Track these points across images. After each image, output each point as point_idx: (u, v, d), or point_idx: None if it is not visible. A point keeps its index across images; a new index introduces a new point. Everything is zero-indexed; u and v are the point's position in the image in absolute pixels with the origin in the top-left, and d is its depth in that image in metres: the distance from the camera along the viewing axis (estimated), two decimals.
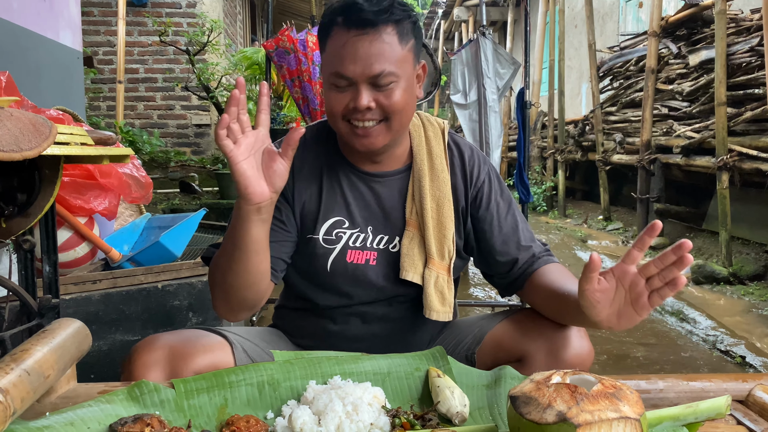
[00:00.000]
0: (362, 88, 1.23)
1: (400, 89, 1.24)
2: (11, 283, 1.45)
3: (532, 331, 1.27)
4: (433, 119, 1.47)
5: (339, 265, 1.36)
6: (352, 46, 1.21)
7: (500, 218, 1.40)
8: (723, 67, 4.49)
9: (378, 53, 1.21)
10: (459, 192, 1.41)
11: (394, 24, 1.23)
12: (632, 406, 0.87)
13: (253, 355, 1.36)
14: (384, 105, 1.24)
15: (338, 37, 1.23)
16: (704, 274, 4.34)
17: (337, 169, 1.39)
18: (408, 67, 1.27)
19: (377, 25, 1.21)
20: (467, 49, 2.94)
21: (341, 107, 1.25)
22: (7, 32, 2.80)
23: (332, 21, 1.24)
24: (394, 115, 1.26)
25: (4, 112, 1.02)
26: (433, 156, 1.40)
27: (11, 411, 0.91)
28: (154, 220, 2.51)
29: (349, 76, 1.22)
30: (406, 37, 1.25)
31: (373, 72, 1.21)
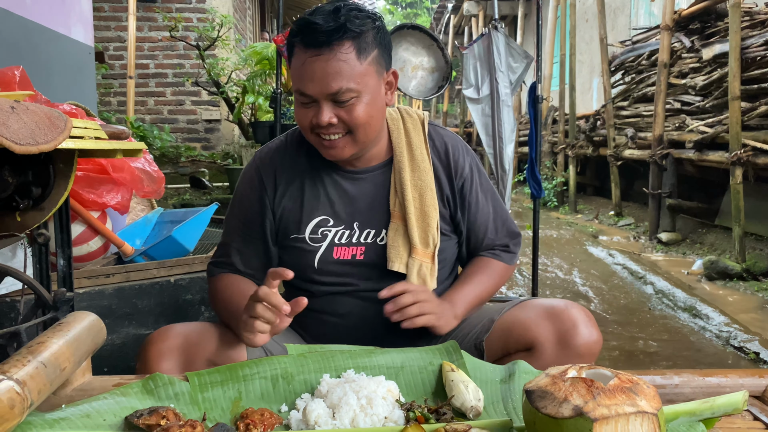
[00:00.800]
0: (323, 105, 1.27)
1: (361, 104, 1.28)
2: (26, 276, 1.46)
3: (541, 320, 1.28)
4: (412, 111, 1.51)
5: (326, 262, 1.40)
6: (309, 66, 1.25)
7: (477, 210, 1.48)
8: (737, 61, 4.44)
9: (335, 72, 1.24)
10: (443, 181, 1.46)
11: (351, 39, 1.25)
12: (649, 400, 0.86)
13: (269, 347, 1.37)
14: (346, 120, 1.28)
15: (298, 57, 1.28)
16: (717, 270, 4.30)
17: (320, 169, 1.43)
18: (370, 80, 1.29)
19: (331, 44, 1.24)
20: (479, 43, 2.92)
21: (307, 122, 1.31)
22: (20, 27, 2.82)
23: (293, 41, 1.28)
24: (358, 129, 1.30)
25: (20, 105, 1.02)
26: (413, 147, 1.45)
27: (28, 403, 0.91)
28: (167, 214, 2.51)
29: (309, 93, 1.27)
30: (367, 50, 1.28)
31: (331, 90, 1.25)
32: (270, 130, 5.17)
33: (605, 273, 4.73)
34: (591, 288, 4.29)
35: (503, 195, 3.02)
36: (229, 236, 1.48)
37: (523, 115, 10.60)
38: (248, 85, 5.24)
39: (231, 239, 1.47)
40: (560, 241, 6.12)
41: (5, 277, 1.47)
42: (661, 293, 4.07)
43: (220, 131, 7.14)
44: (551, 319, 1.27)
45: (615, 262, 5.03)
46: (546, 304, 1.32)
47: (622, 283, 4.45)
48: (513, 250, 1.55)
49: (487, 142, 3.01)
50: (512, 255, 1.55)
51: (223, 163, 6.62)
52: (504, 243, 1.54)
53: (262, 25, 11.05)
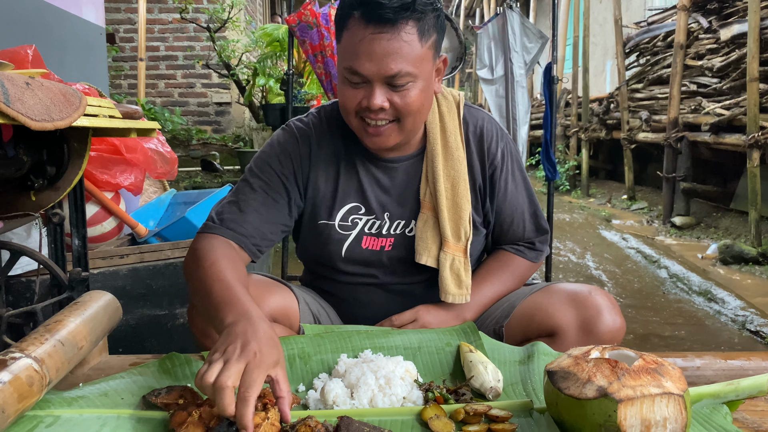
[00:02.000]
0: (377, 87, 1.18)
1: (416, 89, 1.20)
2: (41, 256, 1.46)
3: (564, 306, 1.25)
4: (447, 92, 1.42)
5: (354, 252, 1.35)
6: (368, 44, 1.15)
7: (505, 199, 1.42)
8: (756, 42, 4.36)
9: (396, 52, 1.15)
10: (476, 170, 1.38)
11: (416, 21, 1.16)
12: (675, 381, 0.85)
13: (314, 309, 1.37)
14: (398, 106, 1.20)
15: (355, 32, 1.17)
16: (732, 254, 4.26)
17: (354, 154, 1.36)
18: (427, 66, 1.21)
19: (396, 22, 1.14)
20: (494, 22, 2.88)
21: (354, 104, 1.21)
22: (33, 7, 2.80)
23: (349, 13, 1.17)
24: (408, 116, 1.22)
25: (35, 81, 1.01)
26: (447, 134, 1.37)
27: (47, 380, 0.91)
28: (180, 195, 2.51)
29: (363, 74, 1.17)
30: (428, 34, 1.19)
31: (390, 72, 1.16)
32: (281, 112, 5.15)
33: (618, 257, 4.69)
34: (604, 272, 4.26)
35: None
36: (241, 194, 1.31)
37: (536, 98, 10.50)
38: (259, 68, 5.21)
39: (246, 196, 1.30)
40: (573, 225, 6.08)
41: (21, 256, 1.47)
42: (675, 277, 4.04)
43: (230, 114, 7.13)
44: (575, 305, 1.24)
45: (628, 246, 4.99)
46: (569, 289, 1.29)
47: (636, 267, 4.41)
48: (539, 248, 1.46)
49: (501, 123, 2.97)
50: (537, 253, 1.46)
51: (234, 146, 6.62)
52: (530, 239, 1.45)
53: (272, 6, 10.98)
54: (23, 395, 0.85)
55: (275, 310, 1.26)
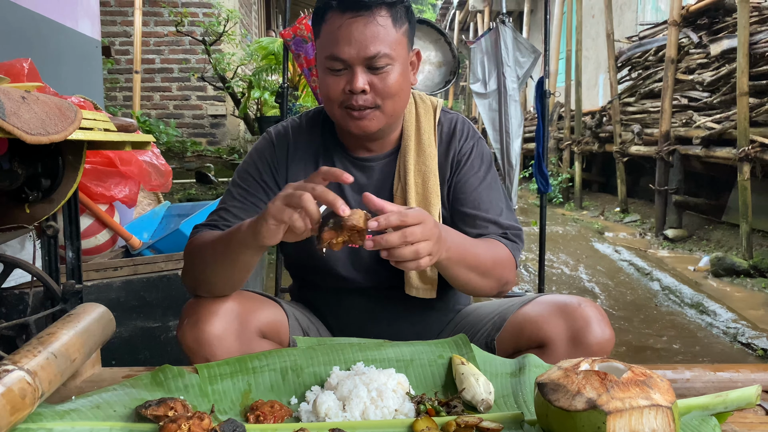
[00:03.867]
0: (358, 71, 1.24)
1: (395, 72, 1.26)
2: (35, 268, 1.46)
3: (553, 317, 1.26)
4: (426, 98, 1.47)
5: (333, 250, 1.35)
6: (347, 29, 1.22)
7: (464, 191, 1.38)
8: (745, 57, 4.41)
9: (373, 35, 1.22)
10: (445, 164, 1.41)
11: (388, 7, 1.24)
12: (663, 394, 0.86)
13: (303, 324, 1.38)
14: (379, 88, 1.25)
15: (333, 21, 1.24)
16: (724, 267, 4.28)
17: (332, 154, 1.40)
18: (402, 51, 1.28)
19: (371, 7, 1.22)
20: (487, 37, 2.91)
21: (338, 91, 1.26)
22: (29, 20, 2.82)
23: (327, 5, 1.25)
24: (388, 99, 1.27)
25: (30, 95, 1.02)
26: (421, 132, 1.41)
27: (39, 393, 0.91)
28: (174, 208, 2.52)
29: (344, 58, 1.23)
30: (400, 21, 1.27)
31: (369, 53, 1.23)
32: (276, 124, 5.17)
33: (611, 269, 4.71)
34: (597, 284, 4.27)
35: (510, 190, 3.01)
36: (226, 203, 1.38)
37: (529, 111, 10.57)
38: (254, 80, 5.24)
39: (229, 205, 1.36)
40: (566, 237, 6.10)
41: (14, 268, 1.47)
42: (667, 290, 4.06)
43: (225, 126, 7.14)
44: (564, 316, 1.24)
45: (621, 258, 5.01)
46: (558, 300, 1.29)
47: (629, 279, 4.43)
48: (512, 239, 1.38)
49: (494, 137, 3.00)
50: (513, 243, 1.38)
51: (228, 158, 6.63)
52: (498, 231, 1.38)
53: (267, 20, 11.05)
54: (16, 408, 0.85)
55: (265, 326, 1.27)
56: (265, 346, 1.25)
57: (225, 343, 1.18)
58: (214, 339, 1.18)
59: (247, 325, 1.23)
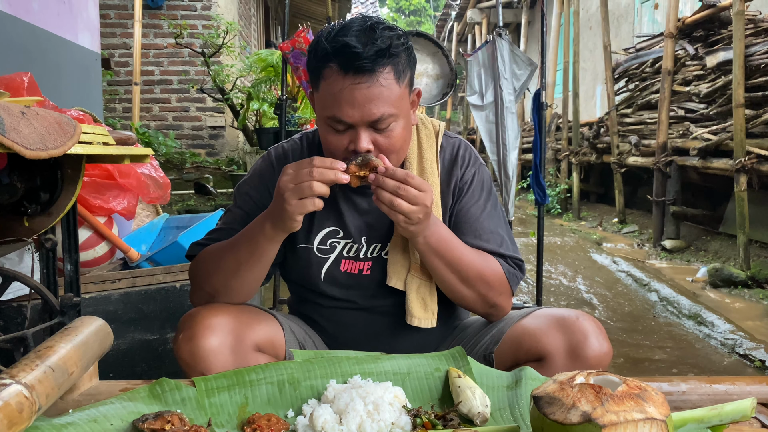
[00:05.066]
0: (361, 131, 1.22)
1: (399, 128, 1.25)
2: (33, 281, 1.47)
3: (552, 330, 1.26)
4: (428, 122, 1.46)
5: (333, 274, 1.37)
6: (349, 93, 1.19)
7: (466, 220, 1.39)
8: (741, 69, 4.45)
9: (377, 98, 1.19)
10: (447, 192, 1.41)
11: (391, 64, 1.20)
12: (658, 407, 0.86)
13: (300, 337, 1.38)
14: (383, 146, 1.25)
15: (333, 82, 1.20)
16: (722, 278, 4.29)
17: None
18: (405, 103, 1.27)
19: (375, 70, 1.18)
20: (483, 50, 2.93)
21: (341, 149, 1.25)
22: (28, 33, 2.84)
23: (325, 63, 1.21)
24: (392, 154, 1.27)
25: (30, 111, 1.03)
26: (423, 160, 1.40)
27: (36, 407, 0.91)
28: (172, 220, 2.52)
29: (348, 121, 1.21)
30: (403, 74, 1.24)
31: (373, 117, 1.21)
32: (275, 136, 5.19)
33: (609, 280, 4.72)
34: (595, 295, 4.28)
35: (507, 202, 3.02)
36: (226, 223, 1.39)
37: (527, 123, 10.61)
38: (253, 92, 5.26)
39: (229, 226, 1.38)
40: (564, 248, 6.11)
41: (13, 281, 1.48)
42: (665, 300, 4.06)
43: (224, 138, 7.16)
44: (562, 330, 1.25)
45: (619, 269, 5.02)
46: (556, 314, 1.30)
47: (627, 290, 4.43)
48: (512, 265, 1.38)
49: (491, 148, 3.01)
50: (512, 269, 1.38)
51: (227, 169, 6.64)
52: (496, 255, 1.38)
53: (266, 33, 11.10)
54: (13, 422, 0.85)
55: (260, 340, 1.27)
56: (261, 360, 1.25)
57: (220, 357, 1.19)
58: (209, 353, 1.19)
59: (242, 339, 1.23)
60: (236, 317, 1.25)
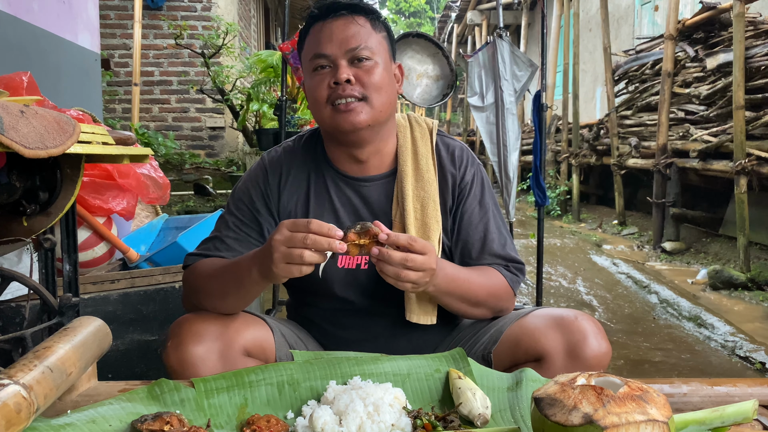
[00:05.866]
0: (342, 64, 1.29)
1: (379, 68, 1.31)
2: (32, 281, 1.46)
3: (550, 330, 1.26)
4: (421, 120, 1.48)
5: (331, 271, 1.37)
6: (328, 28, 1.30)
7: (470, 223, 1.40)
8: (741, 71, 4.45)
9: (354, 33, 1.30)
10: (446, 191, 1.41)
11: (365, 16, 1.33)
12: (660, 408, 0.86)
13: (291, 341, 1.37)
14: (363, 80, 1.29)
15: (316, 27, 1.33)
16: (722, 280, 4.29)
17: (324, 175, 1.40)
18: (384, 52, 1.34)
19: (351, 12, 1.31)
20: (484, 51, 2.93)
21: (323, 87, 1.30)
22: (28, 34, 2.83)
23: (311, 18, 1.34)
24: (374, 92, 1.30)
25: (29, 110, 1.02)
26: (418, 156, 1.41)
27: (35, 407, 0.91)
28: (171, 220, 2.52)
29: (327, 53, 1.29)
30: (379, 28, 1.35)
31: (350, 45, 1.29)
32: (274, 137, 5.19)
33: (609, 282, 4.71)
34: (595, 297, 4.27)
35: (507, 203, 3.01)
36: (220, 231, 1.40)
37: (527, 124, 10.61)
38: (253, 93, 5.26)
39: (224, 234, 1.38)
40: (564, 249, 6.11)
41: (11, 281, 1.47)
42: (665, 302, 4.06)
43: (224, 138, 7.16)
44: (561, 329, 1.25)
45: (619, 271, 5.02)
46: (555, 314, 1.29)
47: (626, 292, 4.43)
48: (514, 272, 1.41)
49: (491, 150, 3.01)
50: (513, 276, 1.40)
51: (227, 170, 6.64)
52: (501, 263, 1.40)
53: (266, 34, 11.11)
54: (11, 422, 0.85)
55: (250, 345, 1.26)
56: (250, 365, 1.24)
57: (208, 363, 1.19)
58: (197, 360, 1.19)
59: (230, 345, 1.22)
60: (224, 323, 1.25)
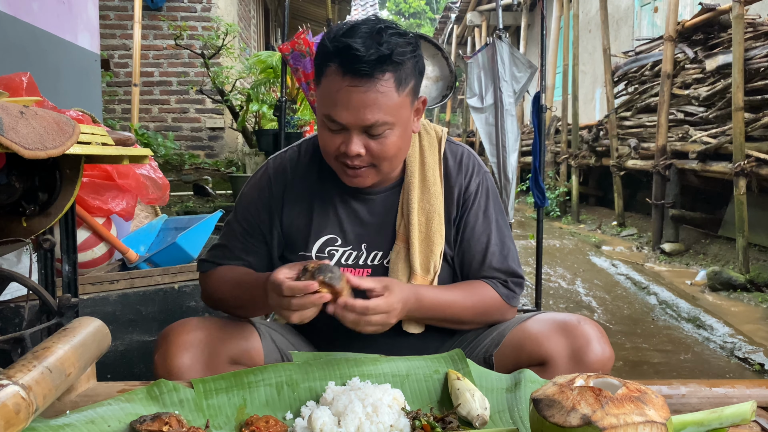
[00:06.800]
0: (354, 135, 1.22)
1: (393, 136, 1.24)
2: (31, 281, 1.46)
3: (554, 335, 1.26)
4: (430, 128, 1.45)
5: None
6: (345, 95, 1.18)
7: (472, 234, 1.39)
8: (740, 72, 4.45)
9: (372, 103, 1.18)
10: (451, 202, 1.40)
11: (393, 71, 1.18)
12: (658, 410, 0.86)
13: (282, 346, 1.37)
14: (375, 152, 1.24)
15: (332, 80, 1.19)
16: (721, 281, 4.29)
17: (329, 186, 1.39)
18: (404, 112, 1.25)
19: (373, 75, 1.16)
20: (483, 52, 2.93)
21: (333, 148, 1.26)
22: (28, 34, 2.83)
23: (326, 61, 1.20)
24: (384, 161, 1.27)
25: (29, 110, 1.02)
26: (425, 168, 1.39)
27: (34, 408, 0.91)
28: (171, 221, 2.52)
29: (341, 122, 1.21)
30: (406, 81, 1.22)
31: (366, 122, 1.20)
32: (274, 138, 5.19)
33: (608, 283, 4.71)
34: (594, 298, 4.27)
35: (506, 204, 3.01)
36: (229, 240, 1.42)
37: (526, 125, 10.62)
38: (252, 94, 5.26)
39: (232, 244, 1.42)
40: (563, 251, 6.11)
41: (10, 282, 1.47)
42: (664, 304, 4.06)
43: (224, 139, 7.16)
44: (564, 334, 1.25)
45: (618, 272, 5.02)
46: (558, 318, 1.30)
47: (626, 293, 4.43)
48: (511, 288, 1.40)
49: (490, 151, 3.01)
50: (510, 292, 1.40)
51: (226, 170, 6.63)
52: (500, 278, 1.39)
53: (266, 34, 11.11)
54: (10, 423, 0.85)
55: (236, 354, 1.27)
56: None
57: (194, 373, 1.20)
58: (182, 371, 1.20)
59: (216, 354, 1.22)
60: (211, 332, 1.25)
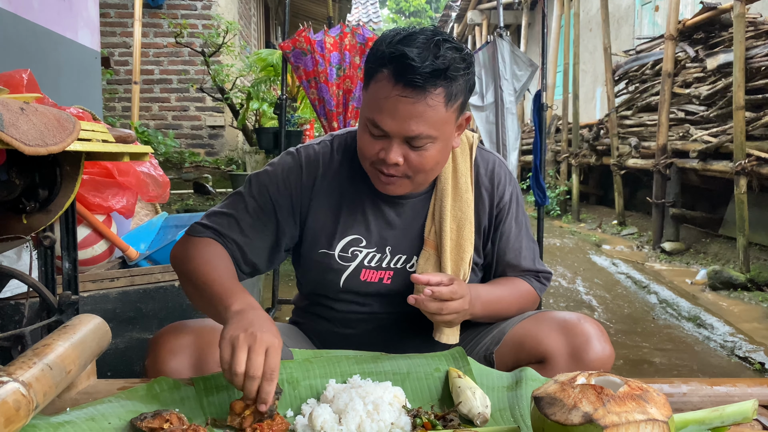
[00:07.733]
0: (395, 143, 1.20)
1: (434, 149, 1.22)
2: (31, 279, 1.46)
3: (554, 333, 1.26)
4: (462, 134, 1.41)
5: (352, 283, 1.36)
6: (393, 103, 1.16)
7: (507, 243, 1.44)
8: (741, 71, 4.44)
9: (419, 116, 1.16)
10: (482, 212, 1.40)
11: (445, 86, 1.16)
12: (660, 408, 0.86)
13: None
14: (413, 163, 1.22)
15: (382, 86, 1.17)
16: (721, 280, 4.29)
17: (360, 187, 1.36)
18: (448, 128, 1.23)
19: (425, 88, 1.14)
20: (484, 51, 2.93)
21: (371, 153, 1.23)
22: (28, 31, 2.83)
23: (379, 66, 1.18)
24: (420, 173, 1.25)
25: (29, 107, 1.02)
26: (458, 175, 1.38)
27: (34, 405, 0.91)
28: (171, 219, 2.51)
29: (384, 129, 1.19)
30: (455, 97, 1.19)
31: (410, 134, 1.18)
32: (274, 136, 5.19)
33: (609, 282, 4.71)
34: (594, 297, 4.27)
35: None
36: (237, 211, 1.33)
37: (527, 124, 10.61)
38: (253, 92, 5.26)
39: (241, 216, 1.33)
40: (563, 249, 6.11)
41: (10, 279, 1.47)
42: (665, 303, 4.06)
43: (224, 137, 7.16)
44: (564, 332, 1.25)
45: (618, 271, 5.02)
46: (559, 317, 1.30)
47: (626, 292, 4.43)
48: (543, 281, 1.48)
49: (490, 149, 3.01)
50: (542, 285, 1.48)
51: (226, 169, 6.63)
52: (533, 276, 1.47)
53: (266, 32, 11.10)
54: (10, 420, 0.85)
55: None
56: None
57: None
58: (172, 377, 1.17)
59: (206, 359, 1.20)
60: (201, 337, 1.21)
